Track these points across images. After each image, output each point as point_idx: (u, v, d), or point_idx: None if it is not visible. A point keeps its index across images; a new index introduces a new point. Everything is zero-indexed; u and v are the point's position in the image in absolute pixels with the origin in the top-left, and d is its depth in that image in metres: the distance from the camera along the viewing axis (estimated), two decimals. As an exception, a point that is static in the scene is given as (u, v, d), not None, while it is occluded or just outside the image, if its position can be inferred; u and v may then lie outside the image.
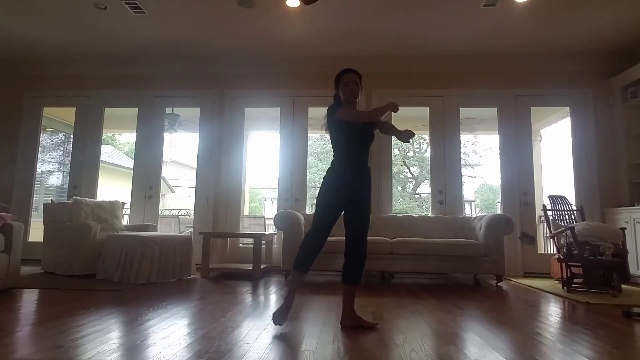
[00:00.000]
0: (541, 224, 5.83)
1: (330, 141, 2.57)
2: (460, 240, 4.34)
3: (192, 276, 4.42)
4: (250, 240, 5.07)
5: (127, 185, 5.86)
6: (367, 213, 2.44)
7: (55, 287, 3.50)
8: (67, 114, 6.19)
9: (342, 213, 2.44)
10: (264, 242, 4.83)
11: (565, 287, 3.79)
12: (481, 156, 15.74)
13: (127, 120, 6.22)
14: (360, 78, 2.55)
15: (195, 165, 5.63)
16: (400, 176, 15.11)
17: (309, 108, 5.51)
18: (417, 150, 15.41)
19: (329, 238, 2.43)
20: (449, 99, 5.42)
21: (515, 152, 5.28)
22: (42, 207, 4.95)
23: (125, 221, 5.52)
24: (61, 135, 7.06)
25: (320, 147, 14.78)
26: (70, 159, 5.74)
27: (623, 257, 4.12)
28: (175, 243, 4.25)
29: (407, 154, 15.35)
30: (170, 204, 13.44)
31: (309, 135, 5.60)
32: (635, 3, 4.14)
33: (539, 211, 5.33)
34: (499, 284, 4.27)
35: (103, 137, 5.83)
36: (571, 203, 4.90)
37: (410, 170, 15.38)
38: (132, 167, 5.75)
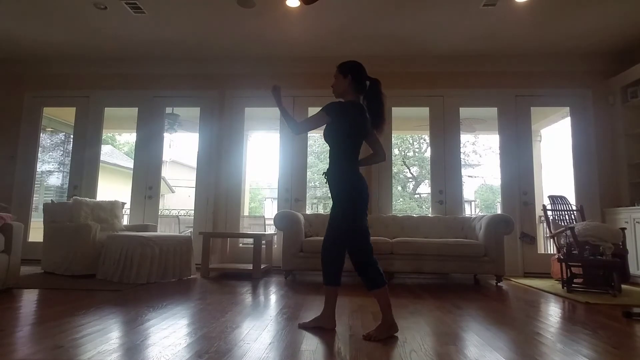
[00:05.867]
0: (541, 224, 5.84)
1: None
2: (460, 240, 4.34)
3: (192, 276, 4.42)
4: (250, 240, 5.07)
5: (127, 185, 5.86)
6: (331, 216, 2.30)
7: (55, 287, 3.50)
8: (67, 114, 6.18)
9: None
10: (264, 242, 4.83)
11: (565, 287, 3.79)
12: (481, 156, 15.76)
13: (127, 120, 6.22)
14: (339, 68, 2.41)
15: (195, 165, 5.63)
16: (400, 176, 15.12)
17: (309, 108, 5.50)
18: (417, 150, 15.42)
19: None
20: (449, 99, 5.42)
21: (515, 152, 5.28)
22: (42, 207, 4.95)
23: (125, 221, 5.52)
24: (61, 135, 7.06)
25: (320, 147, 14.79)
26: (70, 159, 5.74)
27: (623, 257, 4.11)
28: (175, 243, 4.25)
29: (407, 154, 15.36)
30: (170, 204, 13.44)
31: (309, 135, 5.60)
32: (634, 3, 4.14)
33: (539, 211, 5.32)
34: (499, 284, 4.27)
35: (103, 137, 5.83)
36: (571, 203, 4.90)
37: (410, 170, 15.39)
38: (132, 167, 5.75)
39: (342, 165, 2.31)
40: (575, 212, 4.80)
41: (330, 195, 2.36)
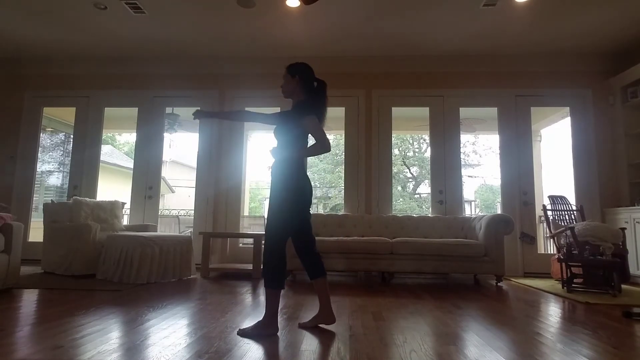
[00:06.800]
0: (541, 224, 5.83)
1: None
2: (460, 240, 4.33)
3: (192, 276, 4.42)
4: (250, 240, 5.07)
5: (127, 185, 5.86)
6: (269, 215, 2.37)
7: (55, 287, 3.50)
8: (67, 114, 6.18)
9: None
10: (263, 242, 4.83)
11: (565, 287, 3.79)
12: (481, 156, 15.76)
13: (127, 120, 6.21)
14: (287, 69, 2.47)
15: (195, 165, 5.63)
16: (400, 176, 15.11)
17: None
18: (417, 150, 15.42)
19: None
20: (449, 99, 5.42)
21: (515, 152, 5.28)
22: (42, 207, 4.95)
23: (125, 221, 5.52)
24: (61, 135, 7.06)
25: (319, 147, 14.75)
26: (70, 159, 5.74)
27: (623, 257, 4.11)
28: (175, 243, 4.25)
29: (407, 154, 15.36)
30: (170, 204, 13.45)
31: (309, 135, 5.59)
32: (635, 3, 4.15)
33: (539, 211, 5.32)
34: (499, 284, 4.27)
35: (103, 137, 5.83)
36: (571, 203, 4.90)
37: (410, 170, 15.38)
38: (132, 167, 5.75)
39: (291, 164, 2.42)
40: (575, 212, 4.80)
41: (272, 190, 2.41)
